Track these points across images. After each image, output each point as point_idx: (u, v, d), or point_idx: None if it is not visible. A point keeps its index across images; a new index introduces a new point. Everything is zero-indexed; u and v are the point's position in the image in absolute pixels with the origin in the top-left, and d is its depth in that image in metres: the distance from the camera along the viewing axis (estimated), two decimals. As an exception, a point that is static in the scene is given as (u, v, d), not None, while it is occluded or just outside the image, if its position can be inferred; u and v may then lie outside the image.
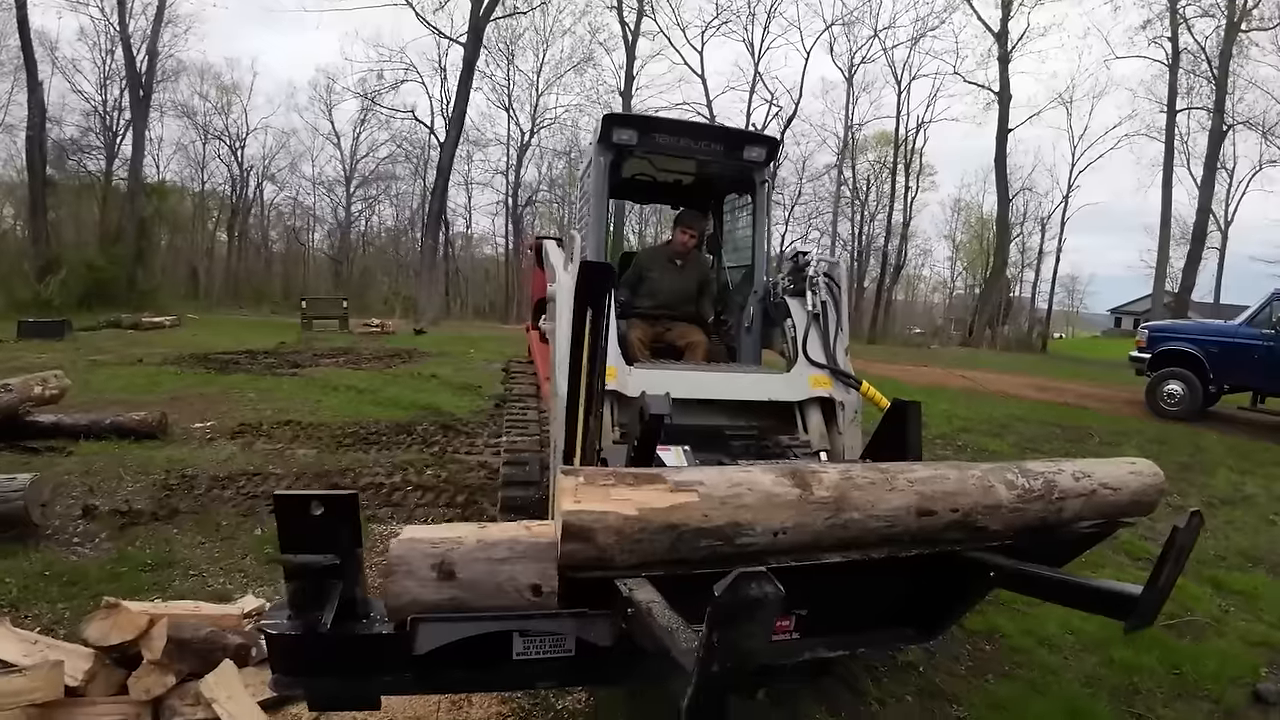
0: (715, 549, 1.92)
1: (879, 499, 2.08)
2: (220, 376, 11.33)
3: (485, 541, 1.93)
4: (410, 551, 1.87)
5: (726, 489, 1.93)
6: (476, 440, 7.64)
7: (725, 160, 4.89)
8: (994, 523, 2.26)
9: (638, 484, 1.88)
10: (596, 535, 1.77)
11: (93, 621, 2.55)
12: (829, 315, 4.27)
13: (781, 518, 1.95)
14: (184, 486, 5.55)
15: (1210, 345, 12.43)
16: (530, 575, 1.87)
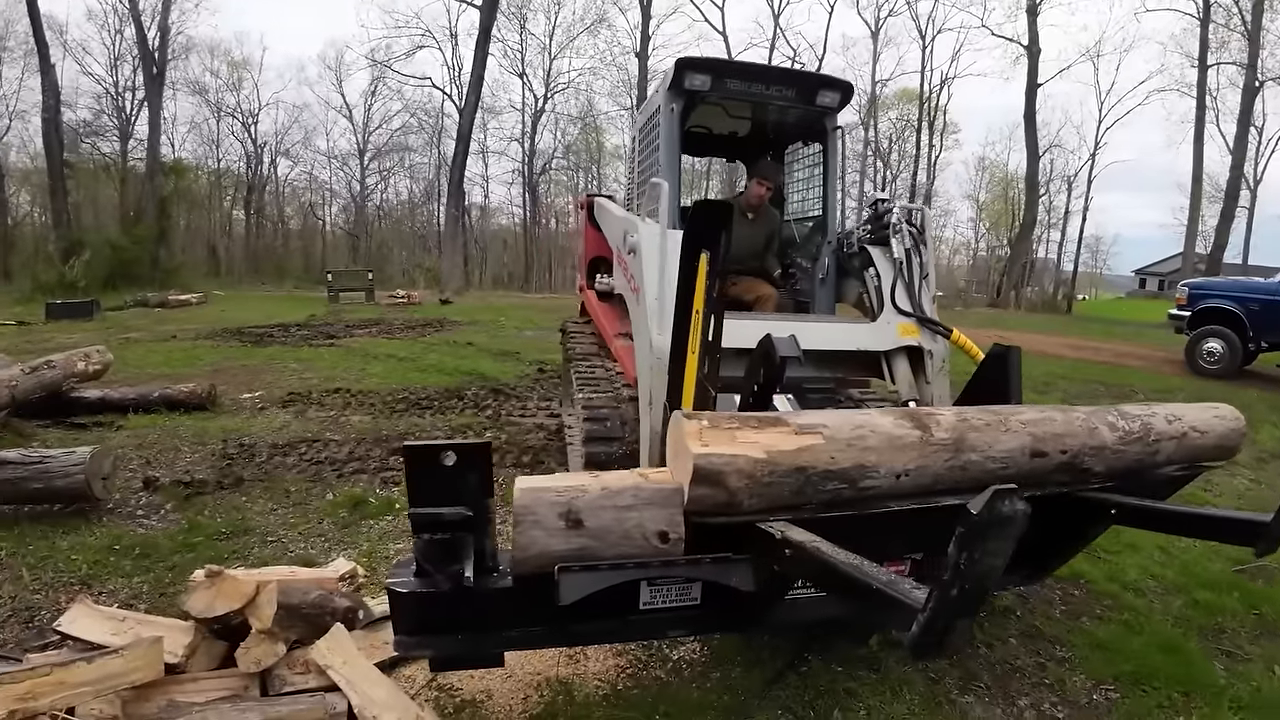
0: (839, 492, 1.90)
1: (994, 440, 2.06)
2: (258, 349, 11.25)
3: (609, 489, 1.85)
4: (536, 501, 1.79)
5: (850, 431, 1.90)
6: (528, 404, 7.51)
7: (797, 106, 4.68)
8: (1098, 464, 2.26)
9: (762, 427, 1.85)
10: (727, 479, 1.74)
11: (194, 592, 2.38)
12: (914, 263, 4.10)
13: (904, 460, 1.94)
14: (244, 455, 5.43)
15: (1250, 303, 12.20)
16: (657, 522, 1.82)
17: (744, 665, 2.88)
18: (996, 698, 2.74)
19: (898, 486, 1.97)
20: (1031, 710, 2.69)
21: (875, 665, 2.85)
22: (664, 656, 2.94)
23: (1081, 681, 2.89)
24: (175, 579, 3.41)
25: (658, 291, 3.49)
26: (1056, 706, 2.72)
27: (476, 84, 27.31)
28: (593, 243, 6.13)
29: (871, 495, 1.96)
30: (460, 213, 31.85)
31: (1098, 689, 2.86)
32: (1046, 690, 2.82)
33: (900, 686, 2.74)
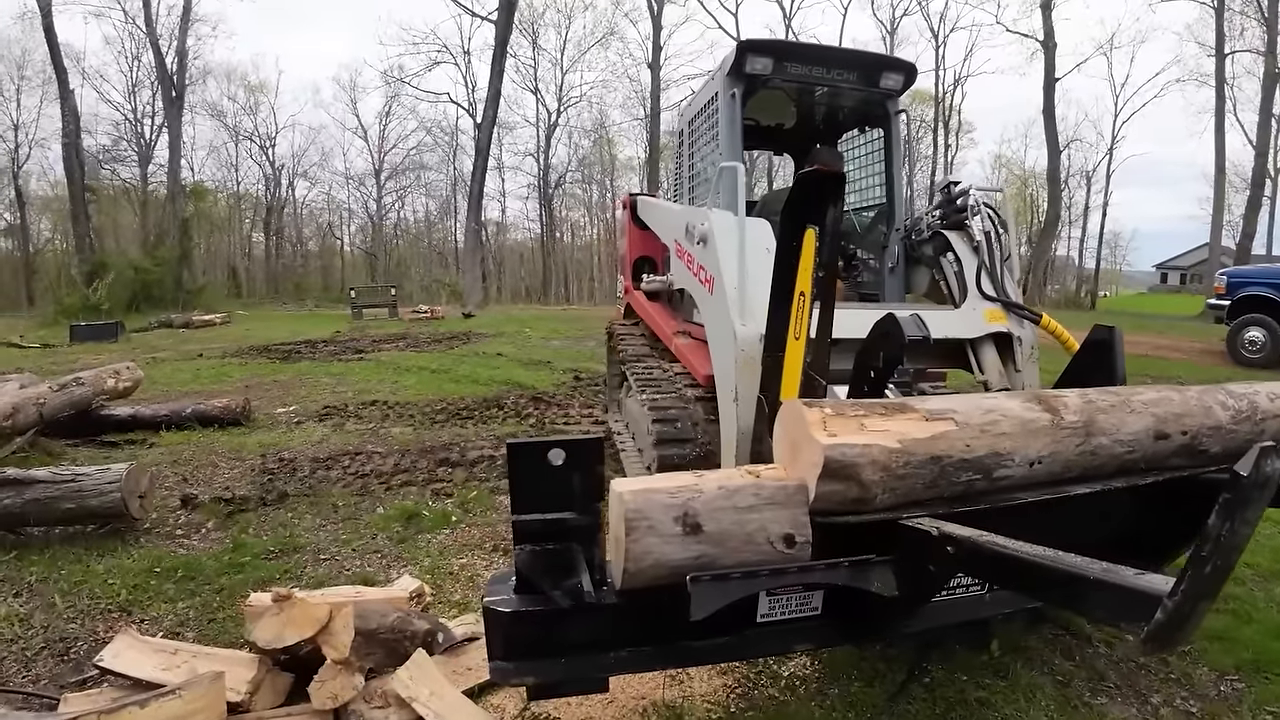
0: (972, 484, 1.76)
1: (1121, 422, 1.96)
2: (287, 365, 11.08)
3: (727, 487, 1.65)
4: (648, 504, 1.58)
5: (981, 416, 1.78)
6: (569, 411, 7.27)
7: (859, 89, 4.48)
8: (1215, 444, 2.16)
9: (891, 414, 1.71)
10: (861, 471, 1.60)
11: (260, 619, 2.11)
12: (994, 246, 3.93)
13: (1038, 446, 1.82)
14: (285, 470, 5.19)
15: None
16: (781, 524, 1.63)
17: (862, 679, 2.64)
18: (1129, 697, 2.61)
19: (1031, 476, 1.84)
20: (1166, 707, 2.57)
21: (1001, 671, 2.68)
22: (774, 673, 2.69)
23: (1206, 674, 2.77)
24: (223, 603, 3.16)
25: (737, 280, 3.33)
26: (1188, 701, 2.60)
27: (494, 98, 27.26)
28: (637, 242, 5.98)
29: (1004, 486, 1.83)
30: (480, 227, 31.71)
31: (1223, 680, 2.74)
32: (1175, 685, 2.69)
33: (1032, 692, 2.57)
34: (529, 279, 51.28)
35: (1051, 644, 2.90)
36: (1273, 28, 28.23)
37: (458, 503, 4.43)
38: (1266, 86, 28.81)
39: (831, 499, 1.63)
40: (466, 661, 2.33)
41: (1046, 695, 2.57)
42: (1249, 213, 30.02)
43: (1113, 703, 2.58)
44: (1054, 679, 2.67)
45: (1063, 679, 2.67)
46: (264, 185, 47.82)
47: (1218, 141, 30.48)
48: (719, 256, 3.45)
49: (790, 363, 2.67)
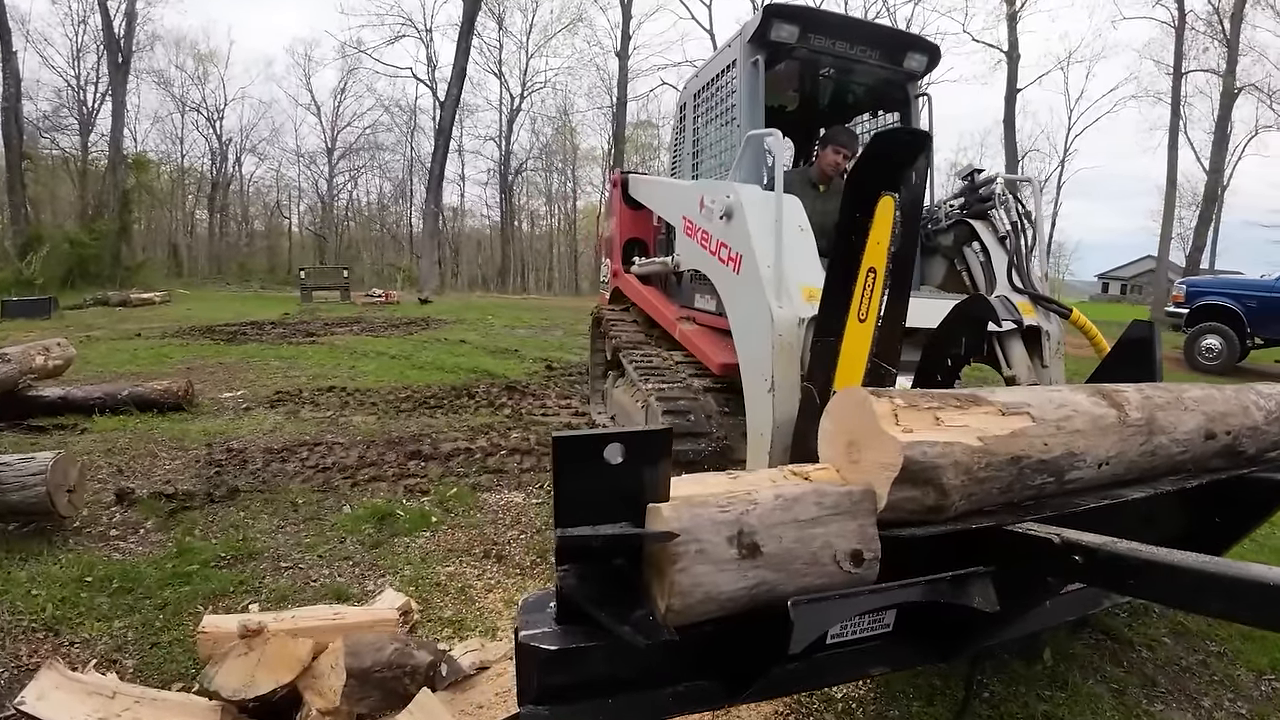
0: (1044, 487, 1.61)
1: (1178, 420, 1.88)
2: (232, 347, 10.37)
3: (785, 497, 1.36)
4: (696, 522, 1.27)
5: (1055, 411, 1.63)
6: (546, 401, 6.82)
7: (883, 67, 4.22)
8: (1251, 445, 2.13)
9: (965, 406, 1.52)
10: (943, 475, 1.39)
11: (224, 661, 1.65)
12: (1022, 237, 3.77)
13: (1107, 445, 1.70)
14: (234, 461, 4.66)
15: (1248, 300, 12.42)
16: (848, 538, 1.36)
17: (920, 698, 2.45)
18: (1182, 701, 2.57)
19: (1098, 478, 1.72)
20: (1219, 710, 2.53)
21: (1058, 681, 2.58)
22: (826, 697, 2.42)
23: (1245, 675, 2.76)
24: (168, 622, 2.66)
25: (773, 258, 3.02)
26: (1236, 703, 2.58)
27: (459, 76, 26.36)
28: (628, 223, 5.62)
29: (1071, 490, 1.69)
30: (439, 210, 30.79)
31: (1262, 680, 2.75)
32: (1221, 687, 2.67)
33: (1092, 702, 2.48)
34: (486, 267, 50.34)
35: (1097, 650, 2.84)
36: (1233, 48, 28.89)
37: (436, 501, 3.97)
38: (1224, 104, 29.61)
39: (904, 507, 1.41)
40: (476, 698, 1.92)
41: (1107, 705, 2.48)
42: (1200, 226, 30.79)
43: (1169, 709, 2.52)
44: (1109, 687, 2.59)
45: (1118, 686, 2.60)
46: (210, 160, 45.90)
47: (1170, 157, 31.19)
48: (750, 232, 3.14)
49: (852, 348, 2.38)
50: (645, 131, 45.40)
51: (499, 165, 46.22)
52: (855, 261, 2.36)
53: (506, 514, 3.86)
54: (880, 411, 1.40)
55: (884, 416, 1.39)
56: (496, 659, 2.11)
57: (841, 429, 1.50)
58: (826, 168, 4.39)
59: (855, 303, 2.37)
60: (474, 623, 2.66)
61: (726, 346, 3.69)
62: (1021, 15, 34.11)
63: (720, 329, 3.92)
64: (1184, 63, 31.12)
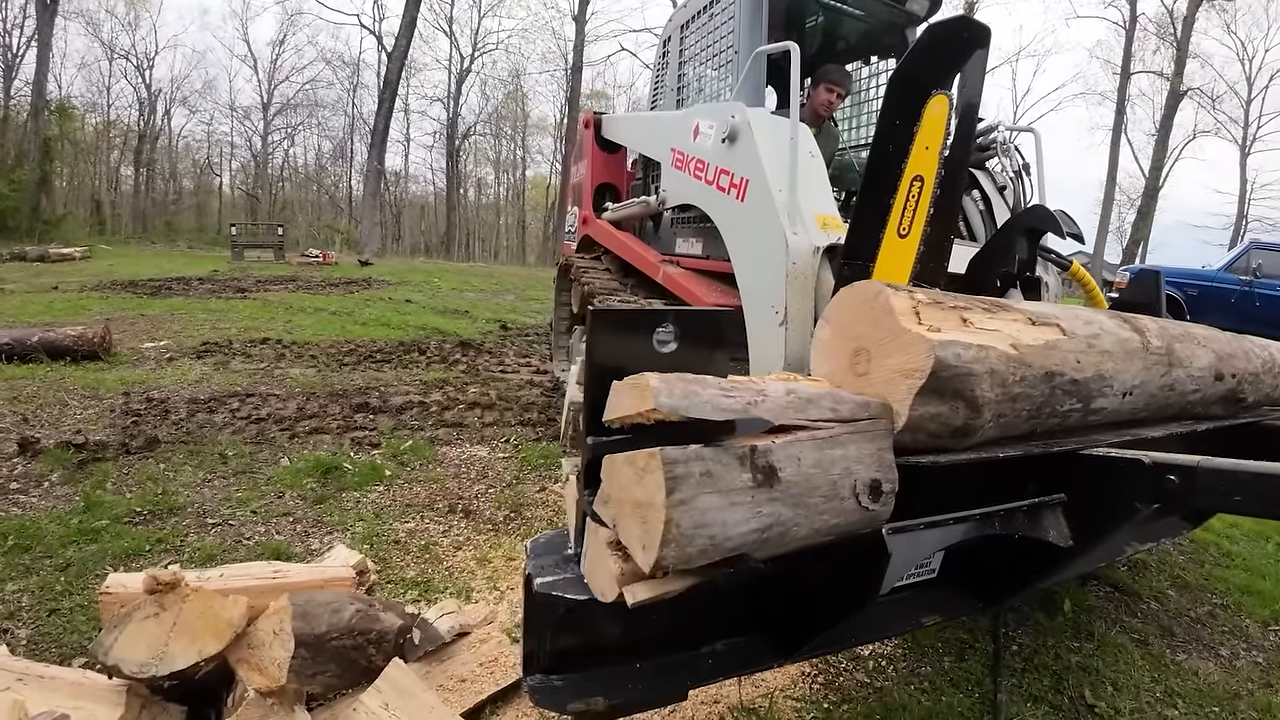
0: (1069, 415, 1.41)
1: (1193, 355, 1.75)
2: (156, 300, 9.59)
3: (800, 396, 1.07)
4: None
5: (1084, 326, 1.44)
6: (504, 359, 6.40)
7: (883, 6, 4.03)
8: (1251, 393, 2.04)
9: (994, 311, 1.31)
10: (978, 385, 1.13)
11: (127, 623, 1.24)
12: (1023, 187, 3.63)
13: (1133, 371, 1.54)
14: (154, 411, 4.15)
15: (1189, 288, 12.83)
16: (867, 466, 1.07)
17: (950, 653, 2.34)
18: (1203, 650, 2.55)
19: (1119, 410, 1.54)
20: (1236, 660, 2.53)
21: (1084, 633, 2.53)
22: (854, 655, 2.27)
23: (1252, 625, 2.77)
24: (70, 585, 2.24)
25: (786, 183, 2.74)
26: (1251, 653, 2.58)
27: (408, 26, 25.12)
28: (600, 168, 5.23)
29: (1096, 423, 1.51)
30: (382, 169, 29.53)
31: (1268, 630, 2.75)
32: (1233, 637, 2.67)
33: (1119, 652, 2.44)
34: (429, 234, 48.94)
35: (1110, 601, 2.81)
36: (1183, 50, 29.78)
37: (388, 454, 3.56)
38: (1170, 104, 30.58)
39: (926, 428, 1.14)
40: (457, 669, 1.56)
41: (1134, 654, 2.45)
42: (1139, 221, 31.85)
43: (1191, 658, 2.50)
44: (1131, 637, 2.56)
45: (1139, 636, 2.57)
46: (138, 111, 43.15)
47: (1112, 154, 32.25)
48: (760, 155, 2.85)
49: (890, 268, 2.12)
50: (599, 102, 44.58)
51: (446, 128, 44.78)
52: (895, 171, 2.08)
53: (470, 468, 3.47)
54: (899, 307, 1.14)
55: (904, 313, 1.14)
56: (477, 623, 1.75)
57: (846, 335, 1.23)
58: (819, 107, 4.10)
59: (895, 217, 2.09)
60: (443, 583, 2.29)
61: (716, 289, 3.42)
62: (980, 6, 34.51)
63: (709, 271, 3.65)
64: (1131, 63, 32.09)
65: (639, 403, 0.93)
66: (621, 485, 0.94)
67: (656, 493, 0.86)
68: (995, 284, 2.22)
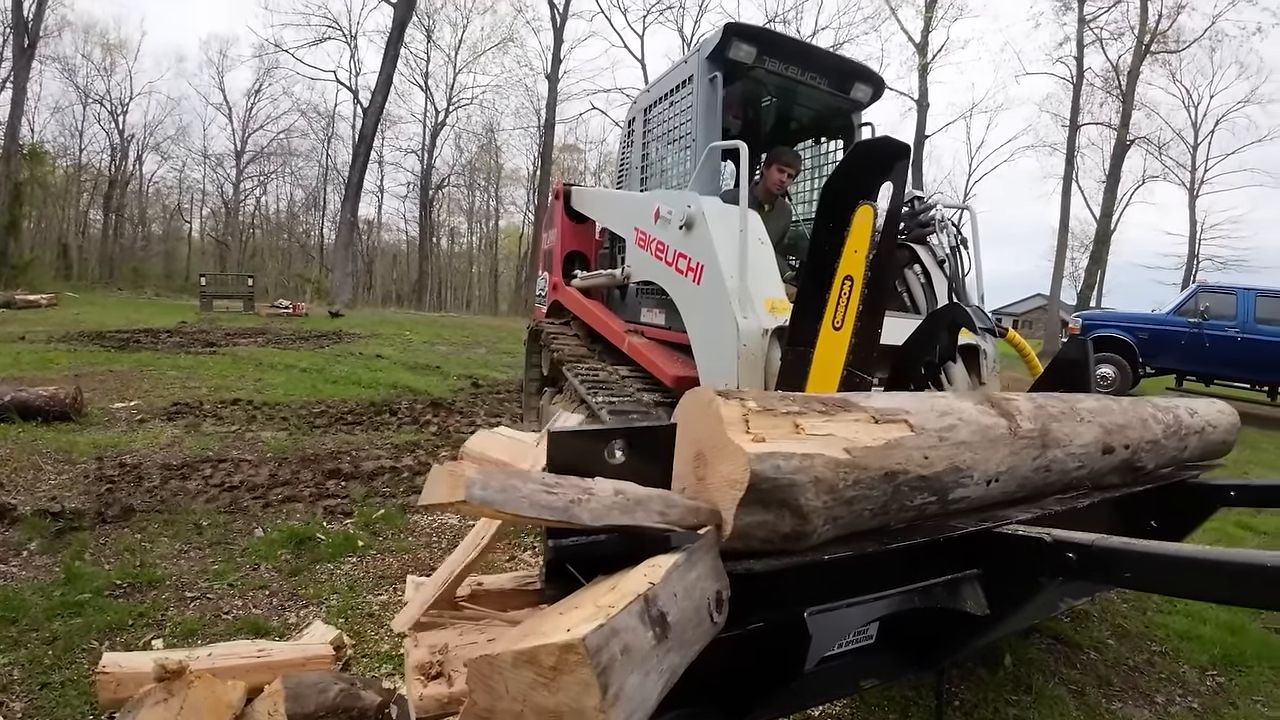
0: (924, 508, 1.41)
1: (1074, 432, 1.78)
2: (125, 355, 9.59)
3: (630, 498, 1.08)
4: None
5: (937, 419, 1.44)
6: (475, 419, 6.51)
7: (830, 94, 4.31)
8: (1150, 460, 2.08)
9: (831, 411, 1.30)
10: (802, 495, 1.13)
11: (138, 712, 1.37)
12: (959, 261, 3.89)
13: (997, 459, 1.54)
14: (128, 478, 4.21)
15: (1140, 332, 13.21)
16: (712, 580, 1.09)
17: (895, 709, 2.42)
18: (1138, 699, 2.64)
19: (985, 496, 1.55)
20: (1172, 705, 2.62)
21: (1023, 686, 2.62)
22: (805, 715, 2.33)
23: (1190, 671, 2.87)
24: (59, 659, 2.31)
25: (737, 269, 3.00)
26: (1187, 698, 2.67)
27: (384, 84, 25.68)
28: (569, 235, 5.49)
29: (955, 510, 1.51)
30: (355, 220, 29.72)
31: (1206, 675, 2.85)
32: (1170, 684, 2.77)
33: (1056, 704, 2.52)
34: (401, 283, 49.01)
35: (1050, 654, 2.90)
36: (1128, 102, 31.24)
37: (360, 523, 3.66)
38: (1116, 154, 31.96)
39: (756, 533, 1.15)
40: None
41: (1070, 706, 2.53)
42: (1091, 266, 32.97)
43: (1126, 706, 2.58)
44: (1069, 688, 2.64)
45: (1076, 687, 2.65)
46: (109, 156, 43.09)
47: (1063, 203, 33.46)
48: (713, 243, 3.12)
49: (826, 357, 2.35)
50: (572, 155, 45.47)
51: (420, 179, 45.28)
52: (830, 270, 2.33)
53: (442, 536, 3.58)
54: (728, 416, 1.14)
55: (733, 423, 1.14)
56: (451, 700, 1.88)
57: (689, 438, 1.23)
58: (772, 186, 4.40)
59: (830, 311, 2.33)
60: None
61: (678, 360, 3.64)
62: (932, 67, 36.09)
63: (670, 343, 3.86)
64: (1080, 116, 33.54)
65: (451, 492, 0.86)
66: (515, 695, 0.77)
67: (584, 697, 0.71)
68: (920, 370, 2.45)
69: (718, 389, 1.22)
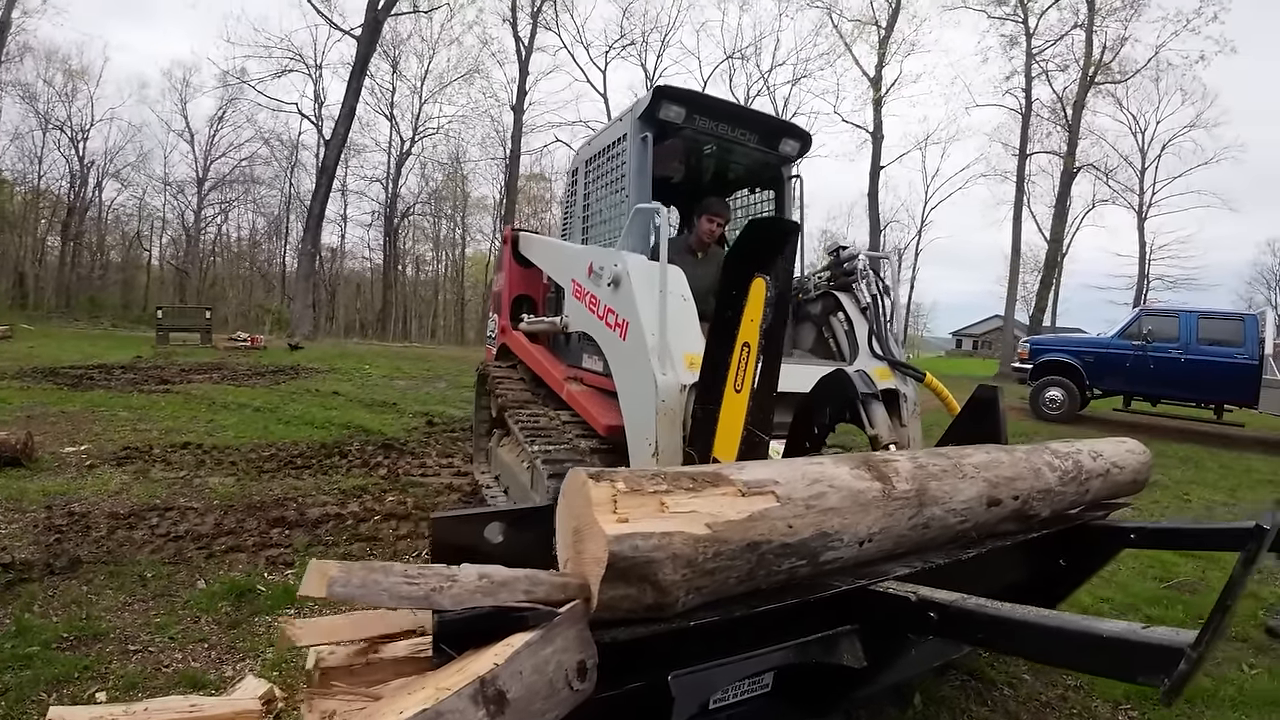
0: (795, 571, 1.51)
1: (954, 489, 1.85)
2: (78, 394, 9.56)
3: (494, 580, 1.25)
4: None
5: (806, 488, 1.52)
6: (426, 460, 6.65)
7: (759, 150, 4.54)
8: (1044, 508, 2.16)
9: (699, 487, 1.38)
10: (659, 570, 1.24)
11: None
12: (880, 308, 4.15)
13: (868, 521, 1.62)
14: (76, 527, 4.29)
15: (1086, 355, 13.82)
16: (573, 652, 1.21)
17: None
18: None
19: (859, 556, 1.64)
20: None
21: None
22: None
23: (1102, 706, 2.92)
24: (11, 710, 2.43)
25: (658, 327, 3.17)
26: None
27: (347, 116, 25.86)
28: (517, 280, 5.68)
29: (830, 570, 1.61)
30: (316, 251, 29.71)
31: (1119, 710, 2.91)
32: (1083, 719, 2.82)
33: None
34: (365, 312, 48.75)
35: (963, 691, 2.96)
36: (1074, 132, 32.65)
37: (301, 574, 3.77)
38: (1064, 182, 33.23)
39: (621, 605, 1.27)
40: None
41: None
42: (1042, 290, 34.06)
43: None
44: None
45: None
46: (69, 182, 42.46)
47: (1014, 229, 34.53)
48: (636, 301, 3.28)
49: (729, 417, 2.54)
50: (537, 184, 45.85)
51: (385, 208, 45.32)
52: (732, 336, 2.53)
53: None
54: (597, 498, 1.25)
55: (600, 504, 1.24)
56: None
57: (569, 514, 1.34)
58: (703, 235, 4.63)
59: (731, 374, 2.51)
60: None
61: (613, 408, 3.75)
62: (886, 100, 37.25)
63: (607, 390, 3.99)
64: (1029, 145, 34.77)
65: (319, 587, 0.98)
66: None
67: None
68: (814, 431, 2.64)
69: (590, 471, 1.34)
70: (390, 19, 30.48)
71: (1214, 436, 12.66)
